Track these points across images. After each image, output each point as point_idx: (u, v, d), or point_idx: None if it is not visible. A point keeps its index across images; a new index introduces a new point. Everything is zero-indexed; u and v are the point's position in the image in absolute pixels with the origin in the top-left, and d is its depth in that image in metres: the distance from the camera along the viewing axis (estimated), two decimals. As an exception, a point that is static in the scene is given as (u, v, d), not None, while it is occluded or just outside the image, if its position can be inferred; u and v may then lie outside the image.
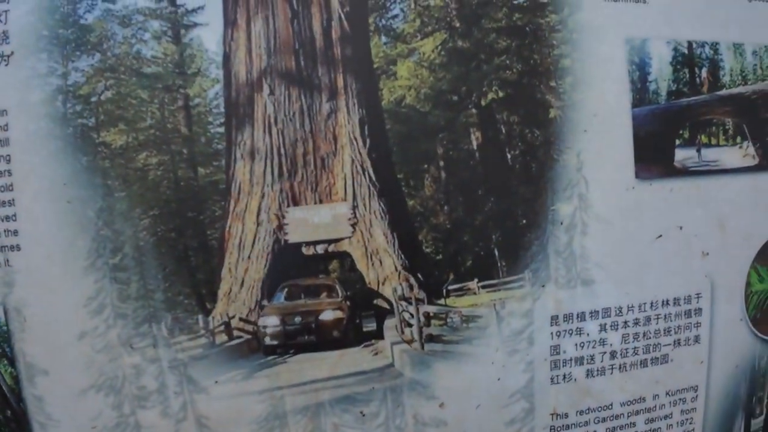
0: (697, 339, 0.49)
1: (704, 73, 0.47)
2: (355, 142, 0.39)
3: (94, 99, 0.38)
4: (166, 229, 0.37)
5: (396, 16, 0.39)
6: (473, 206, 0.39)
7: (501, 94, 0.39)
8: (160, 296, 0.41)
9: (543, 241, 0.42)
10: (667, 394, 0.50)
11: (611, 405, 0.48)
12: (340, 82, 0.39)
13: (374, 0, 0.39)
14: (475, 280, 0.40)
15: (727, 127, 0.48)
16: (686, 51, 0.46)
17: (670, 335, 0.48)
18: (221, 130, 0.38)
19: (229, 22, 0.38)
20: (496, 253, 0.40)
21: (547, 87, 0.39)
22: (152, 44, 0.39)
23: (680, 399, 0.50)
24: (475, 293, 0.41)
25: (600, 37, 0.43)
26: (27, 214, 0.41)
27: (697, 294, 0.48)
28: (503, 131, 0.40)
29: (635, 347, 0.47)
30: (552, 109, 0.40)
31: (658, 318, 0.47)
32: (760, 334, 0.53)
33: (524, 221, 0.39)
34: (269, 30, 0.38)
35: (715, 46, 0.48)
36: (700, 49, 0.47)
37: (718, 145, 0.47)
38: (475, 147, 0.40)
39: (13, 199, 0.42)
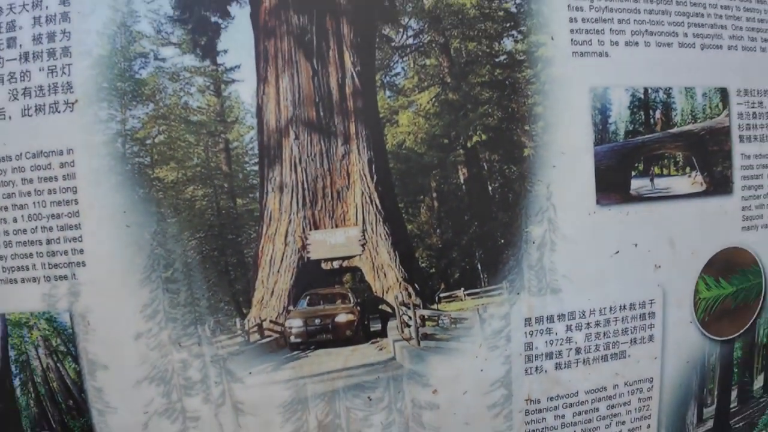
0: (651, 338, 0.65)
1: (658, 114, 0.61)
2: (364, 178, 0.53)
3: (149, 141, 0.52)
4: (210, 249, 0.51)
5: (398, 73, 0.53)
6: (460, 229, 0.54)
7: (484, 137, 0.53)
8: (204, 303, 0.55)
9: (518, 257, 0.57)
10: (625, 384, 0.65)
11: (577, 393, 0.63)
12: (353, 129, 0.52)
13: (380, 60, 0.54)
14: (462, 289, 0.53)
15: (677, 159, 0.63)
16: (642, 96, 0.60)
17: (627, 335, 0.63)
18: (255, 168, 0.52)
19: (261, 79, 0.52)
20: (479, 267, 0.54)
21: (522, 130, 0.54)
22: (197, 96, 0.52)
23: (637, 389, 0.66)
24: (461, 300, 0.54)
25: (568, 87, 0.58)
26: (91, 236, 0.55)
27: (651, 300, 0.63)
28: (485, 168, 0.53)
29: (597, 344, 0.62)
30: (526, 148, 0.54)
31: (616, 320, 0.62)
32: (708, 335, 0.68)
33: (502, 241, 0.53)
34: (294, 85, 0.52)
35: (668, 91, 0.62)
36: (654, 93, 0.61)
37: (669, 174, 0.62)
38: (462, 181, 0.54)
39: (80, 224, 0.56)
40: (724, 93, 0.63)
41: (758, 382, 0.71)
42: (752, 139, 0.65)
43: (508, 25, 0.53)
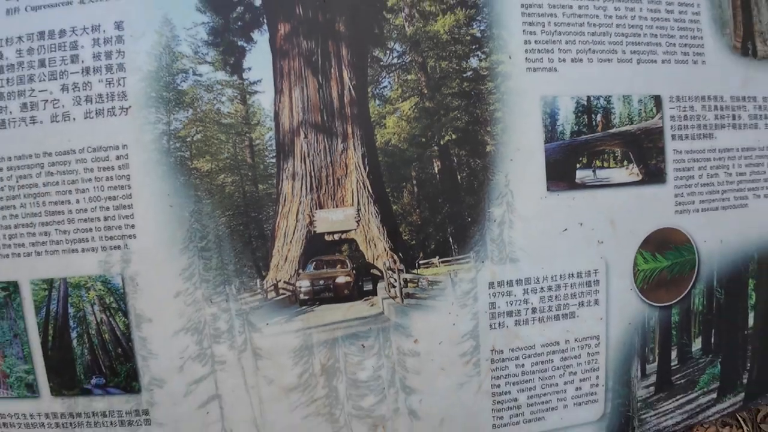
0: (596, 302, 0.81)
1: (599, 117, 0.78)
2: (359, 169, 0.69)
3: (188, 139, 0.69)
4: (237, 224, 0.68)
5: (385, 86, 0.70)
6: (435, 210, 0.69)
7: (454, 136, 0.69)
8: (231, 267, 0.71)
9: (482, 232, 0.73)
10: (575, 340, 0.81)
11: (534, 346, 0.79)
12: (350, 130, 0.69)
13: (371, 76, 0.70)
14: (437, 257, 0.69)
15: (616, 154, 0.79)
16: (586, 102, 0.77)
17: (575, 298, 0.79)
18: (273, 160, 0.67)
19: (278, 91, 0.69)
20: (451, 240, 0.69)
21: (485, 131, 0.71)
22: (227, 104, 0.69)
23: (586, 344, 0.82)
24: (436, 266, 0.69)
25: (522, 96, 0.74)
26: (141, 214, 0.72)
27: (595, 270, 0.79)
28: (455, 161, 0.69)
29: (549, 305, 0.78)
30: (488, 145, 0.70)
31: (565, 286, 0.78)
32: (647, 301, 0.84)
33: (469, 219, 0.68)
34: (304, 96, 0.69)
35: (608, 98, 0.79)
36: (596, 100, 0.78)
37: (609, 167, 0.79)
38: (436, 171, 0.69)
39: (132, 204, 0.72)
40: (657, 99, 0.79)
41: (696, 345, 0.87)
42: (684, 138, 0.81)
43: (473, 47, 0.70)
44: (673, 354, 0.84)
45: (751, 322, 0.89)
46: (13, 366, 0.76)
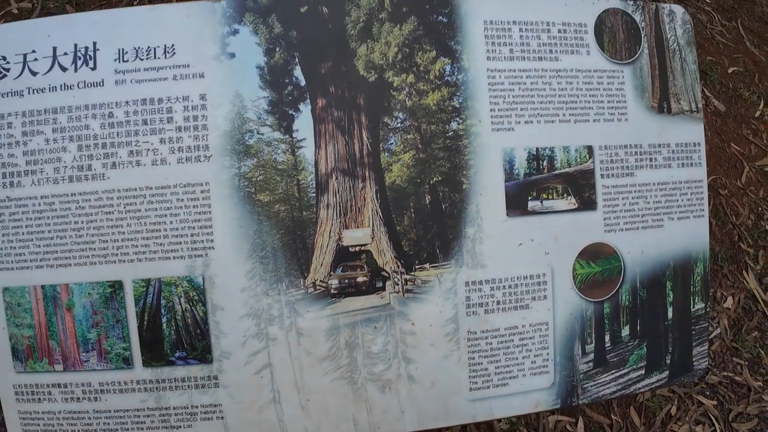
0: (545, 297, 1.19)
1: (545, 162, 1.18)
2: (373, 201, 1.08)
3: (253, 179, 1.07)
4: (287, 239, 1.06)
5: (392, 143, 1.09)
6: (427, 230, 1.09)
7: (440, 178, 1.09)
8: (282, 270, 1.10)
9: (460, 246, 1.12)
10: (530, 325, 1.19)
11: (499, 329, 1.17)
12: (367, 174, 1.07)
13: (382, 136, 1.10)
14: (428, 263, 1.10)
15: (558, 189, 1.19)
16: (535, 152, 1.17)
17: (529, 294, 1.18)
18: (313, 195, 1.06)
19: (317, 146, 1.07)
20: (438, 251, 1.09)
21: (462, 174, 1.10)
22: (282, 155, 1.08)
23: (538, 329, 1.20)
24: (428, 270, 1.10)
25: (489, 149, 1.13)
26: (218, 232, 1.09)
27: (543, 273, 1.18)
28: (441, 195, 1.09)
29: (510, 299, 1.17)
30: (464, 184, 1.10)
31: (521, 285, 1.17)
32: (584, 297, 1.23)
33: (451, 236, 1.05)
34: (335, 150, 1.08)
35: (552, 149, 1.19)
36: (543, 150, 1.18)
37: (553, 199, 1.19)
38: (427, 203, 1.08)
39: (211, 225, 1.10)
40: (590, 148, 1.19)
41: (625, 331, 1.26)
42: (610, 176, 1.21)
43: (454, 114, 1.10)
44: (607, 338, 1.22)
45: (670, 315, 1.28)
46: (113, 345, 1.13)
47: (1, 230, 1.02)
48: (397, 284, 1.01)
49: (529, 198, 1.06)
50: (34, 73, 1.04)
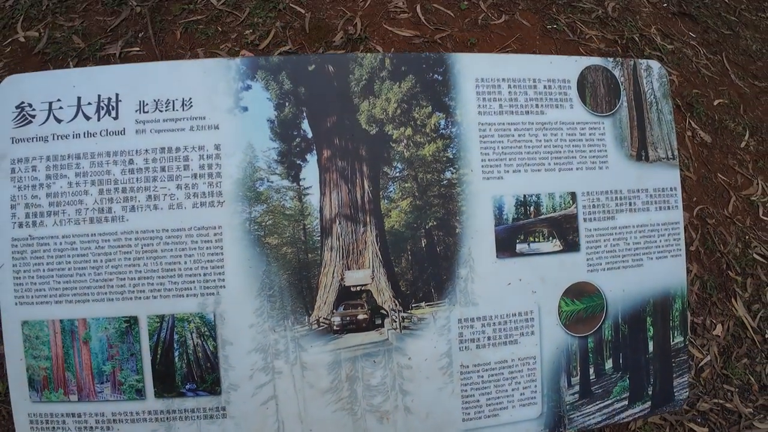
0: (532, 332, 1.30)
1: (532, 208, 1.31)
2: (373, 244, 1.20)
3: (263, 223, 1.18)
4: (293, 279, 1.17)
5: (391, 191, 1.21)
6: (422, 271, 1.20)
7: (435, 223, 1.21)
8: (289, 308, 1.20)
9: (454, 285, 1.23)
10: (518, 359, 1.30)
11: (490, 363, 1.27)
12: (368, 219, 1.19)
13: (382, 184, 1.22)
14: (424, 302, 1.21)
15: (544, 232, 1.31)
16: (522, 199, 1.29)
17: (518, 330, 1.29)
18: (318, 238, 1.17)
19: (322, 193, 1.19)
20: (433, 291, 1.20)
21: (456, 219, 1.22)
22: (289, 201, 1.19)
23: (526, 362, 1.31)
24: (423, 308, 1.21)
25: (480, 196, 1.25)
26: (229, 272, 1.19)
27: (531, 311, 1.29)
28: (435, 239, 1.21)
29: (499, 335, 1.28)
30: (457, 228, 1.23)
31: (510, 322, 1.28)
32: (569, 333, 1.34)
33: (445, 277, 1.18)
34: (339, 197, 1.20)
35: (538, 195, 1.32)
36: (530, 197, 1.30)
37: (539, 241, 1.31)
38: (423, 246, 1.19)
39: (223, 265, 1.21)
40: (573, 195, 1.32)
41: (608, 364, 1.37)
42: (592, 220, 1.33)
43: (448, 164, 1.23)
44: (591, 370, 1.33)
45: (651, 348, 1.39)
46: (127, 377, 1.23)
47: (23, 267, 1.12)
48: (395, 321, 1.12)
49: (518, 241, 1.18)
50: (58, 121, 1.15)
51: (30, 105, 1.15)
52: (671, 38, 2.84)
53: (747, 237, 2.45)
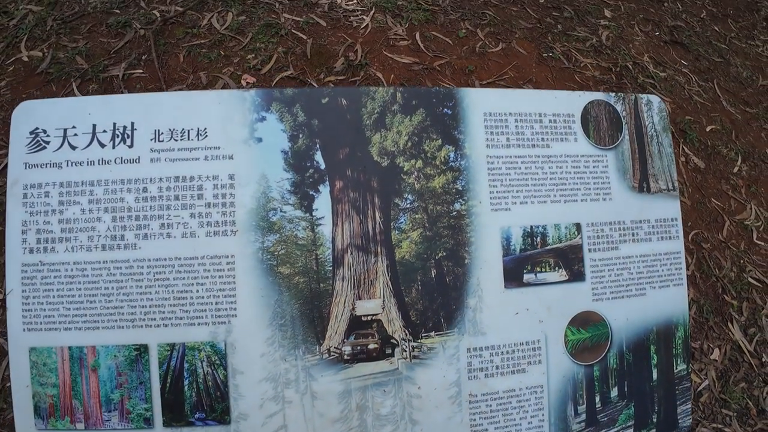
0: (540, 361, 1.33)
1: (539, 239, 1.35)
2: (384, 274, 1.23)
3: (275, 253, 1.21)
4: (305, 309, 1.19)
5: (402, 222, 1.25)
6: (432, 301, 1.23)
7: (444, 253, 1.25)
8: (300, 337, 1.22)
9: (463, 315, 1.26)
10: (526, 388, 1.32)
11: (498, 392, 1.30)
12: (379, 250, 1.23)
13: (393, 215, 1.26)
14: (433, 331, 1.24)
15: (551, 262, 1.36)
16: (529, 230, 1.34)
17: (525, 359, 1.32)
18: (330, 268, 1.19)
19: (334, 224, 1.22)
20: (442, 320, 1.24)
21: (465, 250, 1.26)
22: (302, 231, 1.22)
23: (534, 391, 1.33)
24: (433, 337, 1.24)
25: (488, 227, 1.30)
26: (241, 301, 1.21)
27: (538, 340, 1.33)
28: (445, 269, 1.24)
29: (508, 364, 1.31)
30: (466, 259, 1.26)
31: (518, 351, 1.31)
32: (576, 361, 1.38)
33: (454, 307, 1.22)
34: (351, 228, 1.23)
35: (544, 227, 1.36)
36: (536, 228, 1.35)
37: (546, 271, 1.35)
38: (433, 276, 1.23)
39: (235, 294, 1.23)
40: (578, 225, 1.37)
41: (614, 392, 1.40)
42: (597, 250, 1.38)
43: (457, 196, 1.27)
44: (597, 399, 1.36)
45: (655, 376, 1.42)
46: (135, 405, 1.23)
47: (32, 292, 1.13)
48: (405, 351, 1.14)
49: (525, 271, 1.21)
50: (73, 147, 1.18)
51: (44, 131, 1.18)
52: (664, 66, 2.95)
53: (742, 261, 2.51)
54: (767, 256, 2.62)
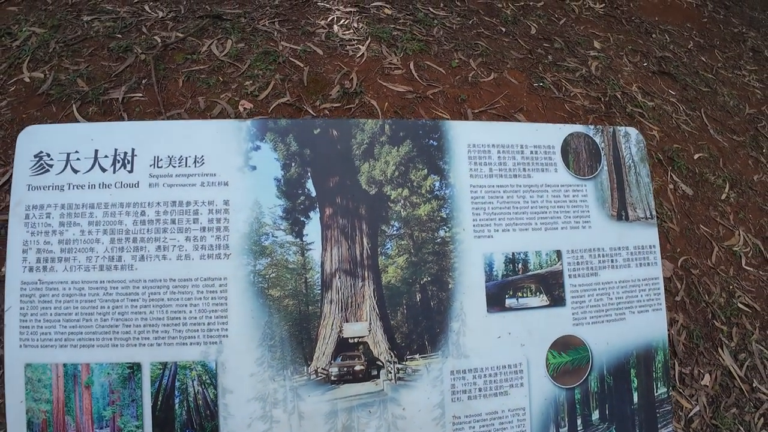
0: (522, 384, 1.40)
1: (520, 265, 1.43)
2: (371, 298, 1.30)
3: (266, 276, 1.28)
4: (294, 330, 1.26)
5: (388, 248, 1.33)
6: (417, 324, 1.31)
7: (429, 278, 1.32)
8: (288, 358, 1.28)
9: (446, 339, 1.34)
10: (509, 410, 1.38)
11: (481, 414, 1.36)
12: (366, 274, 1.31)
13: (380, 241, 1.35)
14: (418, 354, 1.31)
15: (532, 288, 1.44)
16: (511, 256, 1.42)
17: (508, 382, 1.38)
18: (319, 291, 1.28)
19: (324, 249, 1.30)
20: (426, 343, 1.30)
21: (449, 275, 1.34)
22: (293, 256, 1.30)
23: (516, 413, 1.39)
24: (417, 360, 1.30)
25: (471, 253, 1.38)
26: (233, 322, 1.28)
27: (520, 363, 1.39)
28: (429, 294, 1.32)
29: (490, 387, 1.37)
30: (450, 284, 1.34)
31: (501, 373, 1.38)
32: (557, 384, 1.44)
33: (438, 330, 1.29)
34: (339, 253, 1.31)
35: (525, 253, 1.45)
36: (518, 255, 1.43)
37: (527, 297, 1.42)
38: (418, 300, 1.31)
39: (227, 315, 1.29)
40: (558, 252, 1.45)
41: (595, 415, 1.46)
42: (577, 276, 1.46)
43: (442, 223, 1.36)
44: (579, 421, 1.42)
45: (635, 399, 1.49)
46: (126, 423, 1.29)
47: (30, 310, 1.19)
48: (390, 372, 1.21)
49: (507, 296, 1.29)
50: (75, 171, 1.26)
51: (48, 155, 1.26)
52: (652, 96, 3.09)
53: (731, 287, 2.59)
54: (756, 281, 2.70)
